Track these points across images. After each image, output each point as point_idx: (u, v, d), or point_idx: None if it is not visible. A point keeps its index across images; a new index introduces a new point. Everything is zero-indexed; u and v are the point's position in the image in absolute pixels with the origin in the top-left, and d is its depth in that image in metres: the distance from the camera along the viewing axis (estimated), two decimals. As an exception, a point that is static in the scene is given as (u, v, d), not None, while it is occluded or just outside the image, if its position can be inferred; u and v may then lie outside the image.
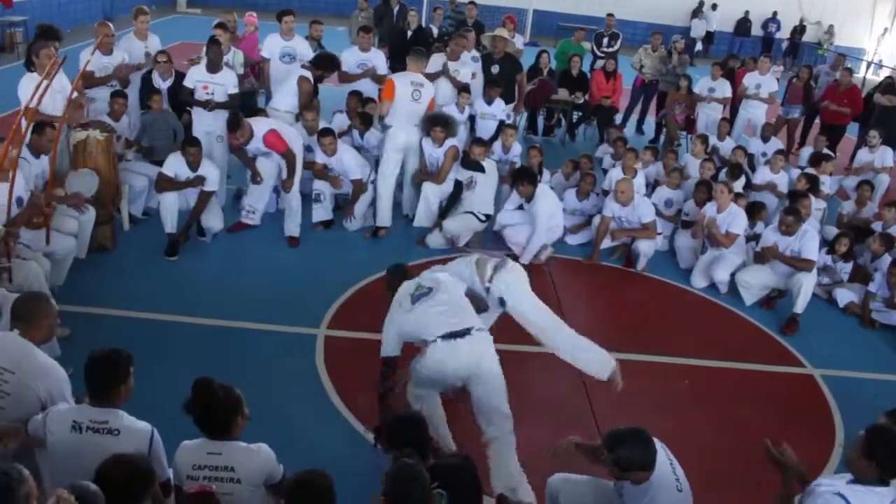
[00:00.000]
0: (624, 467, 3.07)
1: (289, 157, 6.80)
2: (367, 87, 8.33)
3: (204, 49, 7.49)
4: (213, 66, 7.29)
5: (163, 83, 7.54)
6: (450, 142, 7.33)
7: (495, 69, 9.03)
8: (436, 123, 7.27)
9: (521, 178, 6.98)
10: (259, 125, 6.79)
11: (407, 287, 4.42)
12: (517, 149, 8.18)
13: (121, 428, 3.06)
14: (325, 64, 7.86)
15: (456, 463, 3.15)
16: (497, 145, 8.11)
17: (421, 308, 4.25)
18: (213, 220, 6.75)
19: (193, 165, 6.49)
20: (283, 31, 8.15)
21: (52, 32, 6.83)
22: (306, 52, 8.35)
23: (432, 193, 7.39)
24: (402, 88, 7.21)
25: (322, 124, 7.43)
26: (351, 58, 8.39)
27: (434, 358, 4.10)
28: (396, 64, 8.95)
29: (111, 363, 3.15)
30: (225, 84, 7.32)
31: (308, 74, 7.61)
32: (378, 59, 8.46)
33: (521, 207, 7.16)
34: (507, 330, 5.49)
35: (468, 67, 8.67)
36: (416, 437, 3.16)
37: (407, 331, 4.31)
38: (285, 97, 7.63)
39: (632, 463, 3.05)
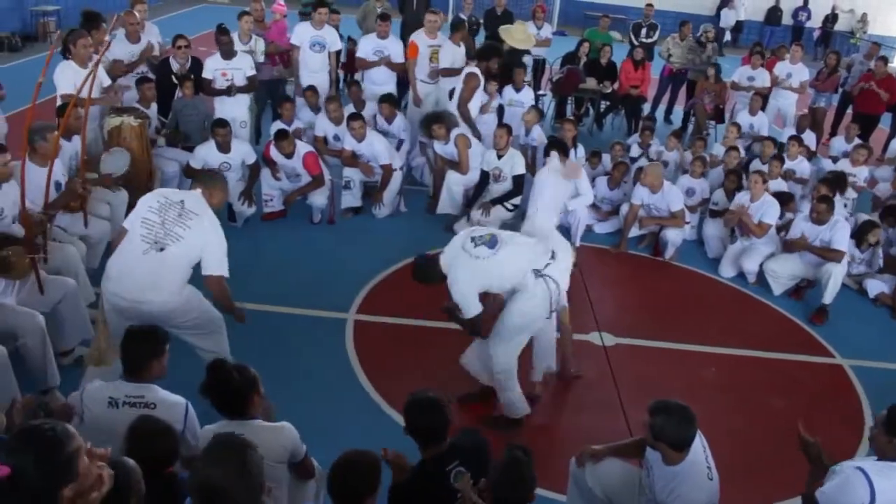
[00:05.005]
0: (655, 436, 3.10)
1: (317, 181, 7.00)
2: (383, 76, 8.35)
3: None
4: (227, 54, 7.48)
5: (180, 67, 7.64)
6: (455, 132, 7.36)
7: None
8: (431, 123, 7.31)
9: (554, 149, 6.96)
10: (302, 145, 7.04)
11: (462, 241, 4.30)
12: (537, 131, 8.15)
13: (157, 402, 3.15)
14: (489, 53, 7.74)
15: (473, 441, 3.19)
16: (520, 129, 8.09)
17: (503, 252, 4.22)
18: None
19: (224, 147, 6.62)
20: (316, 20, 8.19)
21: (93, 19, 6.88)
22: (335, 41, 8.38)
23: (455, 182, 7.43)
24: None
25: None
26: (368, 45, 8.40)
27: (534, 301, 4.24)
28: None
29: (146, 339, 3.27)
30: (242, 68, 7.52)
31: (475, 70, 7.61)
32: (395, 47, 8.42)
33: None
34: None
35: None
36: (436, 422, 3.09)
37: (486, 281, 4.25)
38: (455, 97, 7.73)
39: (663, 434, 3.08)
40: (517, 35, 9.39)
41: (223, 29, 7.69)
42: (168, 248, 3.98)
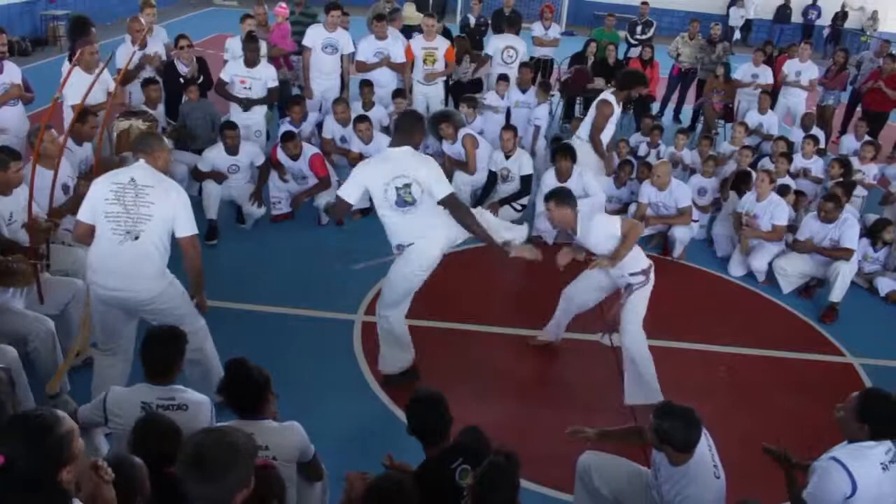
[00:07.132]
0: (661, 439, 3.10)
1: (324, 183, 7.00)
2: (385, 77, 8.33)
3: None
4: (250, 62, 7.41)
5: (185, 69, 7.65)
6: (462, 132, 7.35)
7: None
8: (439, 122, 7.29)
9: (561, 154, 6.95)
10: (309, 147, 7.03)
11: (390, 169, 4.45)
12: (543, 111, 8.48)
13: (188, 402, 3.17)
14: (633, 82, 7.10)
15: (475, 439, 3.16)
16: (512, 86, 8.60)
17: (404, 216, 4.53)
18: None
19: (232, 149, 6.64)
20: (328, 23, 8.14)
21: (82, 26, 6.89)
22: (347, 44, 8.35)
23: (462, 182, 7.46)
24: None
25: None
26: (367, 46, 8.34)
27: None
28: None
29: (174, 341, 3.27)
30: (263, 78, 7.46)
31: (609, 98, 7.08)
32: (395, 47, 8.36)
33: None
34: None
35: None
36: (437, 418, 3.08)
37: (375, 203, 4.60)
38: (586, 125, 7.34)
39: (669, 438, 3.08)
40: (407, 13, 10.38)
41: (252, 36, 7.66)
42: (142, 235, 3.86)
